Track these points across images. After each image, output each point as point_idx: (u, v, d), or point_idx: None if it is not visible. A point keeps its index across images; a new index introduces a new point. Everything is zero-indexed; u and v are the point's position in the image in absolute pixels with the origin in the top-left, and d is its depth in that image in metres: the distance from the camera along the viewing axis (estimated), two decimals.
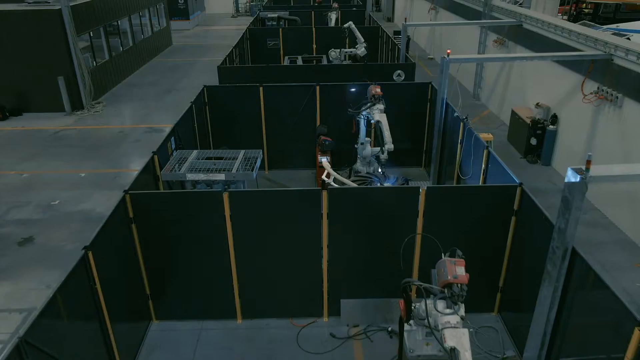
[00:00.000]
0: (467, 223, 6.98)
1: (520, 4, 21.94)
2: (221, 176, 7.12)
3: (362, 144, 9.93)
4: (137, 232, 6.83)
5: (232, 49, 15.44)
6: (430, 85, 11.49)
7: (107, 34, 19.44)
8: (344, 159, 11.50)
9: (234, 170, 7.20)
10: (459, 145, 9.33)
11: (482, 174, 8.06)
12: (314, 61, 18.69)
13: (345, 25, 16.88)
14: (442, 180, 10.92)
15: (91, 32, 18.26)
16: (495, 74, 15.95)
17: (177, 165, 7.50)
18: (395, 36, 23.54)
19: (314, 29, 19.34)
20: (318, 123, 11.83)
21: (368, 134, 10.59)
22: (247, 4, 39.05)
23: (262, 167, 12.38)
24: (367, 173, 9.58)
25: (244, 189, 7.40)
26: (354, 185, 7.96)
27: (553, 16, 13.85)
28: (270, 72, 13.45)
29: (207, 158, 7.73)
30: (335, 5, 21.99)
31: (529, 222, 6.59)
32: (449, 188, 6.80)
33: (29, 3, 16.71)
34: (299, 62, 16.63)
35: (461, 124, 9.15)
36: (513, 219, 6.88)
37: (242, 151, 7.85)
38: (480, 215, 6.93)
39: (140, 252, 6.96)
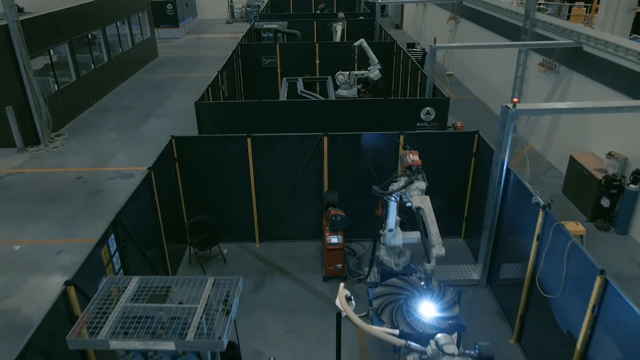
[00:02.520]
0: None
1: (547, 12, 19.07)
2: (169, 345, 4.19)
3: (390, 230, 6.99)
4: None
5: (218, 74, 12.49)
6: (476, 135, 8.55)
7: (73, 51, 16.46)
8: (363, 225, 8.54)
9: (190, 333, 4.24)
10: (534, 242, 6.39)
11: (590, 309, 5.11)
12: (317, 84, 15.81)
13: (356, 44, 13.98)
14: (496, 267, 7.99)
15: (51, 50, 15.29)
16: (541, 100, 12.98)
17: (101, 310, 4.56)
18: (409, 49, 20.63)
19: (316, 45, 16.39)
20: (326, 187, 8.89)
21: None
22: (243, 9, 36.09)
23: (251, 239, 9.47)
24: (400, 278, 6.59)
25: None
26: (379, 332, 5.00)
27: (625, 37, 10.89)
28: (264, 110, 10.52)
29: (153, 292, 4.78)
30: (341, 15, 19.06)
31: None
32: None
33: None
34: (299, 84, 13.71)
35: (540, 212, 6.21)
36: None
37: (211, 279, 4.90)
38: None
39: None
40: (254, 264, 8.96)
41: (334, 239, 8.12)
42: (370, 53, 13.66)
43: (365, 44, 13.77)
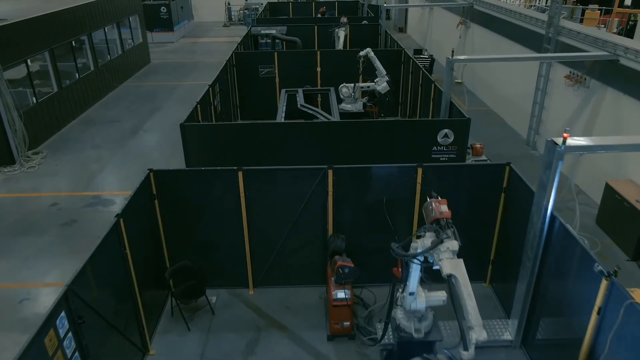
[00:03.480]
0: None
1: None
2: None
3: (411, 294, 5.73)
4: None
5: (209, 88, 11.23)
6: (507, 168, 7.29)
7: (54, 59, 15.20)
8: (373, 269, 7.30)
9: None
10: (593, 315, 5.12)
11: None
12: (319, 96, 14.58)
13: (362, 53, 12.73)
14: (533, 327, 6.72)
15: (29, 60, 14.02)
16: (567, 117, 11.76)
17: None
18: (416, 56, 19.36)
19: (317, 53, 15.13)
20: (330, 226, 7.62)
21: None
22: (241, 11, 34.82)
23: (244, 285, 8.20)
24: (425, 358, 5.33)
25: None
26: None
27: None
28: (260, 132, 9.26)
29: None
30: (344, 19, 17.78)
31: None
32: None
33: None
34: (299, 97, 12.49)
35: (603, 281, 4.95)
36: None
37: None
38: None
39: None
40: (246, 316, 7.68)
41: (341, 294, 6.85)
42: (378, 64, 12.45)
43: (371, 54, 12.54)
